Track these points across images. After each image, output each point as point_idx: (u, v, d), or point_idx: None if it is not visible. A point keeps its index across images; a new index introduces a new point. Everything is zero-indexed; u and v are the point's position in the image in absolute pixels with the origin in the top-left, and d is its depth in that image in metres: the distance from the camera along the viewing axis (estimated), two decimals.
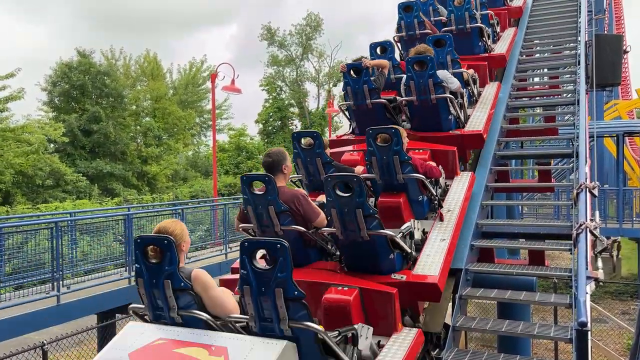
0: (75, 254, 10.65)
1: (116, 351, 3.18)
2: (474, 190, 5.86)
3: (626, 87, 31.72)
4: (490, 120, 6.76)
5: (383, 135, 4.85)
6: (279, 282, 2.98)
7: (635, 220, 16.72)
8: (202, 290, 3.24)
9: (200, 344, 3.07)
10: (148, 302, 3.34)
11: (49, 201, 23.68)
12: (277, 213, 4.14)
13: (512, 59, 8.67)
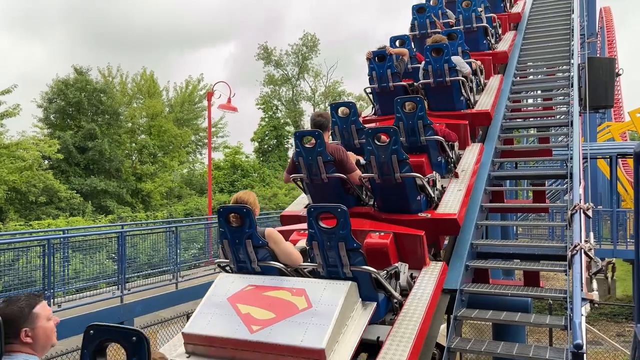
0: (67, 271, 10.55)
1: (216, 298, 4.03)
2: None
3: (619, 109, 32.07)
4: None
5: (409, 103, 5.76)
6: (341, 237, 3.79)
7: (629, 242, 16.76)
8: (274, 245, 4.08)
9: (283, 287, 3.95)
10: (232, 257, 4.19)
11: (42, 218, 23.50)
12: (324, 162, 5.03)
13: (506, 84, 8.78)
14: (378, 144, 4.91)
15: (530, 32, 11.02)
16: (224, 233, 4.07)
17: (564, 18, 11.23)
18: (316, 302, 3.74)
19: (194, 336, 3.81)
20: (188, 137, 37.94)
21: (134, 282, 11.94)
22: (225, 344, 3.70)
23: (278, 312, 3.73)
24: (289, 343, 3.51)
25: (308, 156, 5.07)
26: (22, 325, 2.28)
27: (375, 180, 5.09)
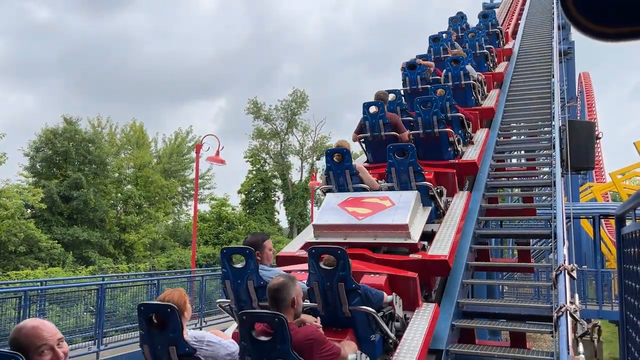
0: None
1: (329, 205, 5.97)
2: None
3: (600, 170, 32.78)
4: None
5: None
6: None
7: (615, 302, 16.71)
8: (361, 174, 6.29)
9: (372, 196, 5.96)
10: (334, 183, 6.47)
11: (20, 268, 22.93)
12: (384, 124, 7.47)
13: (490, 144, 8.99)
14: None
15: (512, 93, 11.40)
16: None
17: (545, 81, 11.65)
18: (397, 202, 5.75)
19: (320, 226, 5.88)
20: (175, 188, 37.85)
21: (112, 336, 11.55)
22: (341, 229, 5.71)
23: (373, 209, 5.73)
24: (384, 222, 5.54)
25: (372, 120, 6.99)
26: None
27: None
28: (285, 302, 3.29)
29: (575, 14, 0.89)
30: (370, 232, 5.60)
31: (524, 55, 13.85)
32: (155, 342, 3.26)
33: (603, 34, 0.89)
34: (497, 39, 13.42)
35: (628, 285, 2.66)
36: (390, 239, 5.55)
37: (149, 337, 3.28)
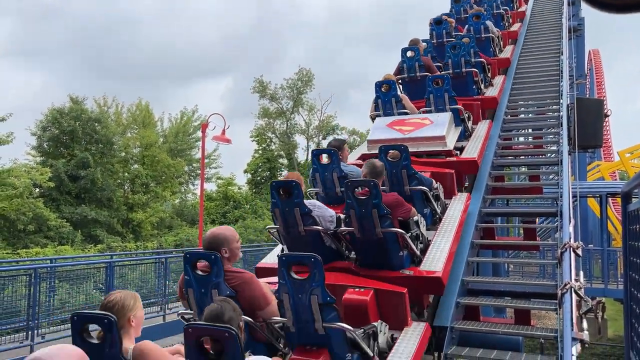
0: (52, 302, 10.37)
1: (379, 125, 7.23)
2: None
3: (608, 149, 32.52)
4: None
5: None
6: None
7: (620, 281, 16.75)
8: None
9: (413, 117, 7.28)
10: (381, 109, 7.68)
11: (30, 246, 23.21)
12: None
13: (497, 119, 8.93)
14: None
15: (521, 72, 11.26)
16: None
17: (554, 59, 11.50)
18: (435, 120, 6.94)
19: (373, 141, 6.93)
20: (181, 168, 37.96)
21: None
22: (390, 142, 6.22)
23: (415, 126, 6.93)
24: (426, 135, 6.76)
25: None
26: None
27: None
28: None
29: None
30: (414, 144, 6.60)
31: (532, 34, 13.66)
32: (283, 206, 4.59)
33: (610, 5, 0.88)
34: (511, 2, 14.46)
35: (633, 262, 2.66)
36: (431, 147, 6.81)
37: (279, 204, 4.64)
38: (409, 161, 5.52)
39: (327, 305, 3.58)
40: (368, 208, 4.49)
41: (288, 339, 3.82)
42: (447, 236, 5.46)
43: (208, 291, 3.66)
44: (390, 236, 4.61)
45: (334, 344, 3.70)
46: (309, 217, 4.61)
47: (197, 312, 3.72)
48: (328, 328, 3.62)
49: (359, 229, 4.59)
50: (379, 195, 4.48)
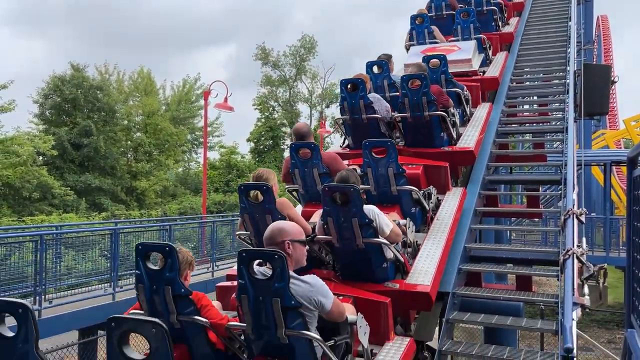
0: (59, 268, 10.50)
1: (414, 53, 8.17)
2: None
3: (614, 117, 32.24)
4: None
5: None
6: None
7: (622, 249, 16.84)
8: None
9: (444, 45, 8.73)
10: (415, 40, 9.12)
11: (35, 214, 23.40)
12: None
13: (503, 85, 8.81)
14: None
15: (528, 37, 11.07)
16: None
17: (562, 25, 11.29)
18: (462, 47, 8.44)
19: (409, 64, 7.18)
20: (184, 136, 37.89)
21: (127, 279, 11.90)
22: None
23: (445, 52, 7.65)
24: (454, 58, 7.98)
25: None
26: None
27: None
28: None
29: None
30: None
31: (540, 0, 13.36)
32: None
33: None
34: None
35: (637, 228, 2.66)
36: (459, 69, 7.84)
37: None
38: (447, 68, 6.99)
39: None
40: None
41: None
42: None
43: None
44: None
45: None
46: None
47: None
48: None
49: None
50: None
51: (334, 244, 4.25)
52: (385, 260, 4.28)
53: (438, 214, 5.44)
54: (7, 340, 2.35)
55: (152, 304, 3.28)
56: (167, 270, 3.19)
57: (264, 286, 3.01)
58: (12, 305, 2.36)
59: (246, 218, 4.34)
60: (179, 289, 3.22)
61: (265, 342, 3.14)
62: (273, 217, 4.08)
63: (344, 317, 3.41)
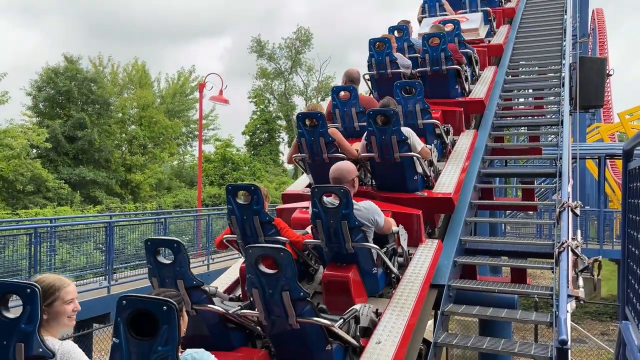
0: (53, 261, 10.46)
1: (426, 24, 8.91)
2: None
3: (608, 110, 32.34)
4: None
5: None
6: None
7: (616, 242, 16.95)
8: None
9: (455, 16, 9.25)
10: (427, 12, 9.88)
11: (29, 207, 23.29)
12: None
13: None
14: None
15: (522, 31, 11.06)
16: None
17: (557, 18, 11.28)
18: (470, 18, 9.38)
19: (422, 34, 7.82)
20: (179, 129, 37.73)
21: (122, 272, 11.88)
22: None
23: None
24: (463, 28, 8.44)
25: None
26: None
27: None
28: None
29: None
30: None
31: None
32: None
33: None
34: None
35: (632, 220, 2.66)
36: (467, 37, 8.44)
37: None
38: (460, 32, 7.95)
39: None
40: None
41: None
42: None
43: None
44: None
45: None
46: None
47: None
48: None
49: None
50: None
51: (375, 160, 5.22)
52: (416, 173, 5.32)
53: (455, 147, 6.53)
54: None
55: (244, 230, 4.20)
56: (254, 204, 4.09)
57: (334, 213, 3.98)
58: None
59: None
60: (264, 217, 4.13)
61: (335, 252, 4.13)
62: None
63: (392, 230, 4.48)
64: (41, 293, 2.38)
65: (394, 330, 3.82)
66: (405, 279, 4.49)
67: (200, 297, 3.42)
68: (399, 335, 3.77)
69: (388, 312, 4.05)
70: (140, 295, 2.07)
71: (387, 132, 5.04)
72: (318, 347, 3.45)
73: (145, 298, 2.04)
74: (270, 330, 3.47)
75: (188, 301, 3.38)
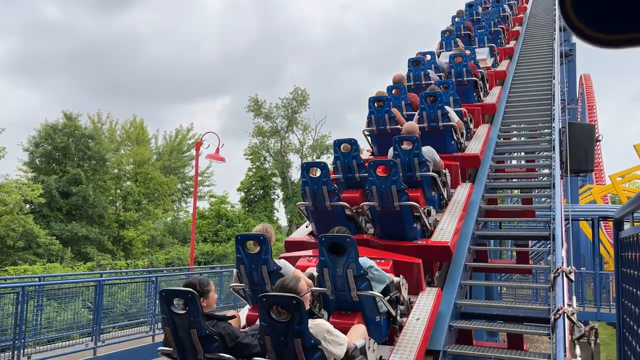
0: (40, 320, 10.19)
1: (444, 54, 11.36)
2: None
3: (600, 172, 32.73)
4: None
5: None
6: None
7: (613, 305, 16.72)
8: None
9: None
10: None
11: (19, 263, 22.90)
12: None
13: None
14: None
15: (513, 94, 11.39)
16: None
17: (546, 83, 11.64)
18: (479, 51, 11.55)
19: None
20: (174, 185, 37.79)
21: (109, 333, 11.55)
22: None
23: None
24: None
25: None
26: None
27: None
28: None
29: (574, 18, 0.88)
30: None
31: (525, 56, 13.85)
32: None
33: (601, 40, 0.88)
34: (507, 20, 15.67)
35: (625, 289, 2.66)
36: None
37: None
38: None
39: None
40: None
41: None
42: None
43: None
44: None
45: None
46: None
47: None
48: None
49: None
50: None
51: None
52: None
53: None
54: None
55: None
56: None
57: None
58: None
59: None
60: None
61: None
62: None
63: None
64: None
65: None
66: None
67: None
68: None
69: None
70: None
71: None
72: (409, 225, 5.54)
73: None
74: (380, 213, 5.52)
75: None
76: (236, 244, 4.44)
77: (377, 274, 4.60)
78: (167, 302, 3.54)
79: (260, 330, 3.46)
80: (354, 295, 4.51)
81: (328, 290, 4.36)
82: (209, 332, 3.49)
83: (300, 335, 3.29)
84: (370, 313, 4.68)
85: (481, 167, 8.16)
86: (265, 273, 4.39)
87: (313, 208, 5.87)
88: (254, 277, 4.45)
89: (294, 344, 3.30)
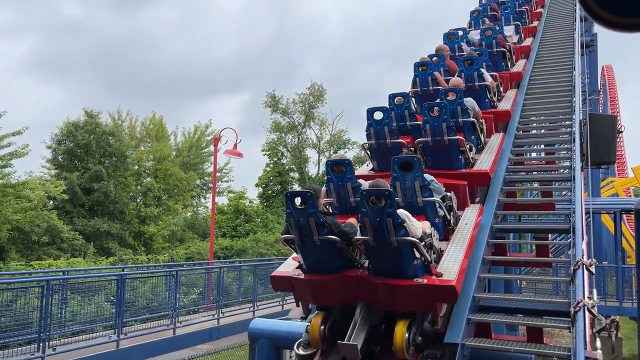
0: (64, 313, 10.43)
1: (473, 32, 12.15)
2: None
3: (622, 165, 32.18)
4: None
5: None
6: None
7: (635, 299, 16.47)
8: None
9: None
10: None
11: (43, 258, 23.38)
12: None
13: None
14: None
15: (532, 88, 11.24)
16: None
17: (566, 75, 11.47)
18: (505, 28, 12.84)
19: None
20: (193, 181, 38.13)
21: (131, 326, 11.76)
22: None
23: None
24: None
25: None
26: None
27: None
28: None
29: (591, 3, 0.89)
30: None
31: (546, 47, 13.66)
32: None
33: (619, 24, 0.89)
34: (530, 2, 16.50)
35: None
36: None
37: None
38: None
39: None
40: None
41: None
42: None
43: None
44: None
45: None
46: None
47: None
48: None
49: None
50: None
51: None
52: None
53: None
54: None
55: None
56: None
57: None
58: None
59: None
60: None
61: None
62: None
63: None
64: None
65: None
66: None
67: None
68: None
69: None
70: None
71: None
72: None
73: None
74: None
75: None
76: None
77: (436, 186, 5.76)
78: (291, 200, 4.83)
79: (360, 215, 4.68)
80: (420, 201, 5.68)
81: (399, 198, 5.35)
82: (322, 220, 4.74)
83: (391, 216, 4.54)
84: (432, 216, 5.74)
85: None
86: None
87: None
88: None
89: (387, 223, 4.53)
